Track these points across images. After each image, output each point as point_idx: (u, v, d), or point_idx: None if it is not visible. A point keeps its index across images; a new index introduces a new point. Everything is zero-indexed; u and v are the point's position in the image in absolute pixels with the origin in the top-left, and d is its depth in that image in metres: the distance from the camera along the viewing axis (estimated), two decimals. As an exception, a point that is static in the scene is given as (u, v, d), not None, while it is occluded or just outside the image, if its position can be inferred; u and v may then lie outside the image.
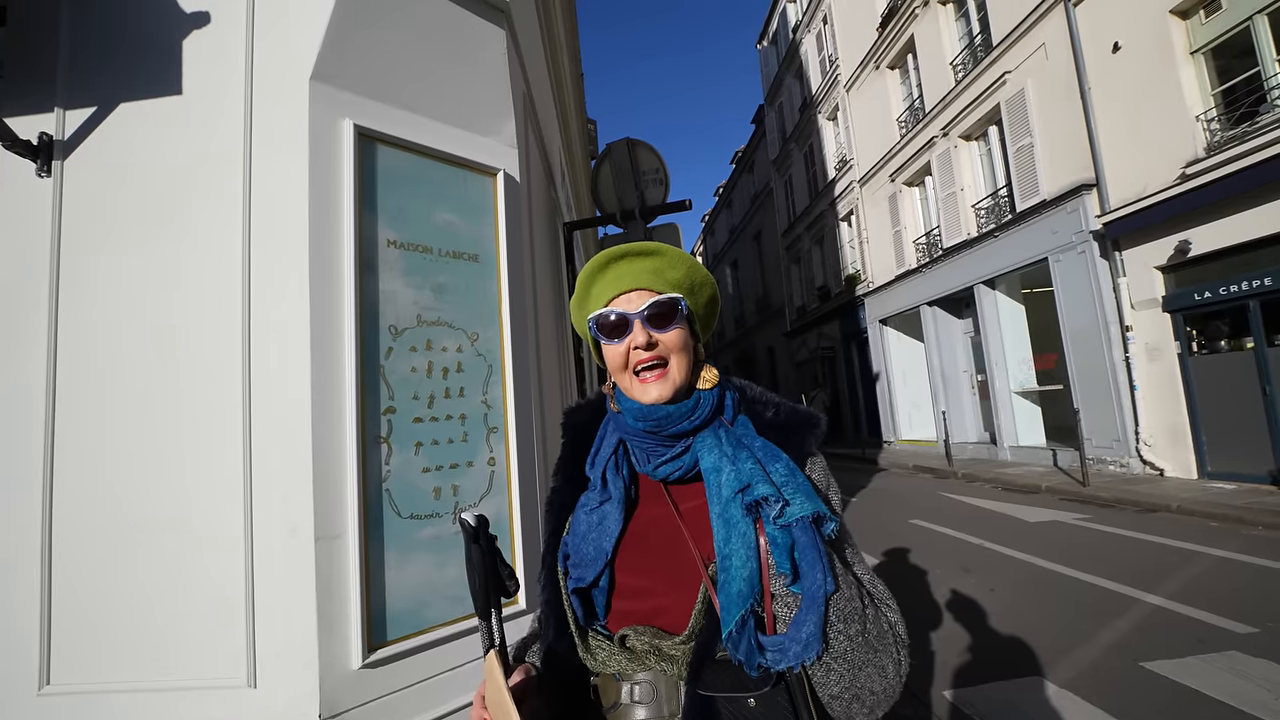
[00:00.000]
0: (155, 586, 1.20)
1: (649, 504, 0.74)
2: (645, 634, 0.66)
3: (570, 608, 0.71)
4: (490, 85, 1.70)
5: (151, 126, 1.31)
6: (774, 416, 0.74)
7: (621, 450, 0.76)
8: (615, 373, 0.73)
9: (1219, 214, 6.80)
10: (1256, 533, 5.29)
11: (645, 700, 0.65)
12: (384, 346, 1.39)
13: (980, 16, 10.71)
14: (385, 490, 1.35)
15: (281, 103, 1.32)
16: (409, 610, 1.35)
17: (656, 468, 0.72)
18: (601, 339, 0.73)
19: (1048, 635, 3.42)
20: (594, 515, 0.73)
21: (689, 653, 0.64)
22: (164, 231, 1.28)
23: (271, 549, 1.22)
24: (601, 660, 0.68)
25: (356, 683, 1.24)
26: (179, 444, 1.24)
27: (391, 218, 1.44)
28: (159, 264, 1.27)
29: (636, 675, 0.66)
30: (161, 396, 1.24)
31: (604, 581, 0.70)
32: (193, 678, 1.18)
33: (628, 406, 0.73)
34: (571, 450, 0.81)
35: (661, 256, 0.73)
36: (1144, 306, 7.90)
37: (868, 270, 15.19)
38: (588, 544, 0.72)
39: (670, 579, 0.67)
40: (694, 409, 0.71)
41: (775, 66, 21.13)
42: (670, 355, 0.70)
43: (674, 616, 0.66)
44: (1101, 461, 8.40)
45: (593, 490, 0.76)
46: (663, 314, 0.70)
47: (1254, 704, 2.54)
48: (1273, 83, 6.48)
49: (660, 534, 0.71)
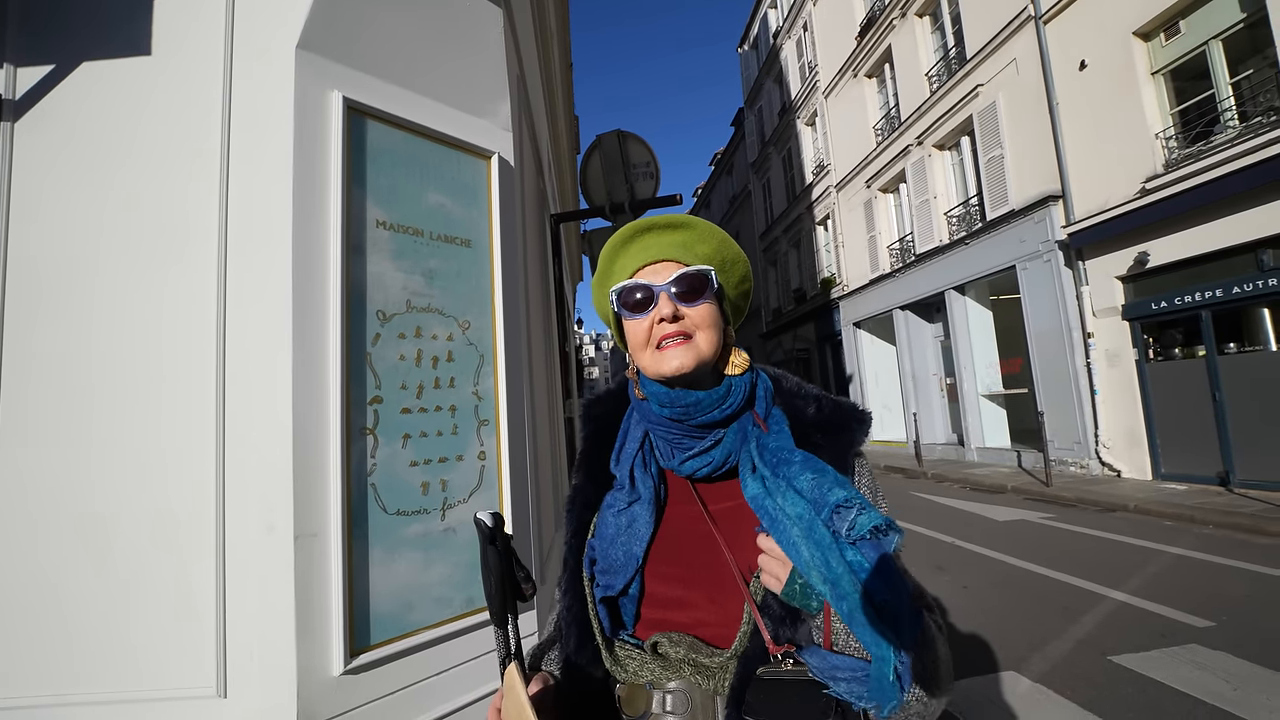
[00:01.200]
0: (113, 589, 1.10)
1: (678, 502, 0.68)
2: (681, 644, 0.61)
3: (597, 618, 0.65)
4: (487, 66, 1.63)
5: (117, 89, 1.20)
6: (817, 413, 0.68)
7: (648, 445, 0.70)
8: (637, 351, 0.67)
9: (1175, 228, 7.13)
10: (1208, 531, 5.56)
11: (679, 711, 0.60)
12: (371, 332, 1.31)
13: (955, 30, 11.02)
14: (370, 485, 1.27)
15: (264, 71, 1.23)
16: (394, 612, 1.28)
17: (683, 462, 0.66)
18: (624, 314, 0.67)
19: (1020, 631, 3.51)
20: (622, 517, 0.67)
21: (726, 666, 0.59)
22: (129, 203, 1.18)
23: (246, 548, 1.13)
24: (633, 671, 0.63)
25: (337, 690, 1.16)
26: (143, 432, 1.14)
27: (381, 197, 1.37)
28: (123, 238, 1.17)
29: (669, 684, 0.61)
30: (124, 380, 1.14)
31: (634, 589, 0.64)
32: (156, 688, 1.09)
33: (652, 391, 0.67)
34: (593, 445, 0.75)
35: (691, 229, 0.68)
36: (1105, 314, 8.24)
37: (843, 274, 15.48)
38: (616, 548, 0.65)
39: (710, 591, 0.62)
40: (725, 397, 0.65)
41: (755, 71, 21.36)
42: (696, 331, 0.64)
43: (716, 630, 0.61)
44: (1063, 463, 8.73)
45: (620, 489, 0.69)
46: (691, 287, 0.64)
47: (1213, 694, 2.64)
48: (1225, 105, 6.83)
49: (694, 538, 0.65)
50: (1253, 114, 6.58)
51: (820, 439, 0.66)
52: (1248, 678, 2.77)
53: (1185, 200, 6.88)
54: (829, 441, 0.65)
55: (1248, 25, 6.55)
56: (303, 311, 1.19)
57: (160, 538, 1.12)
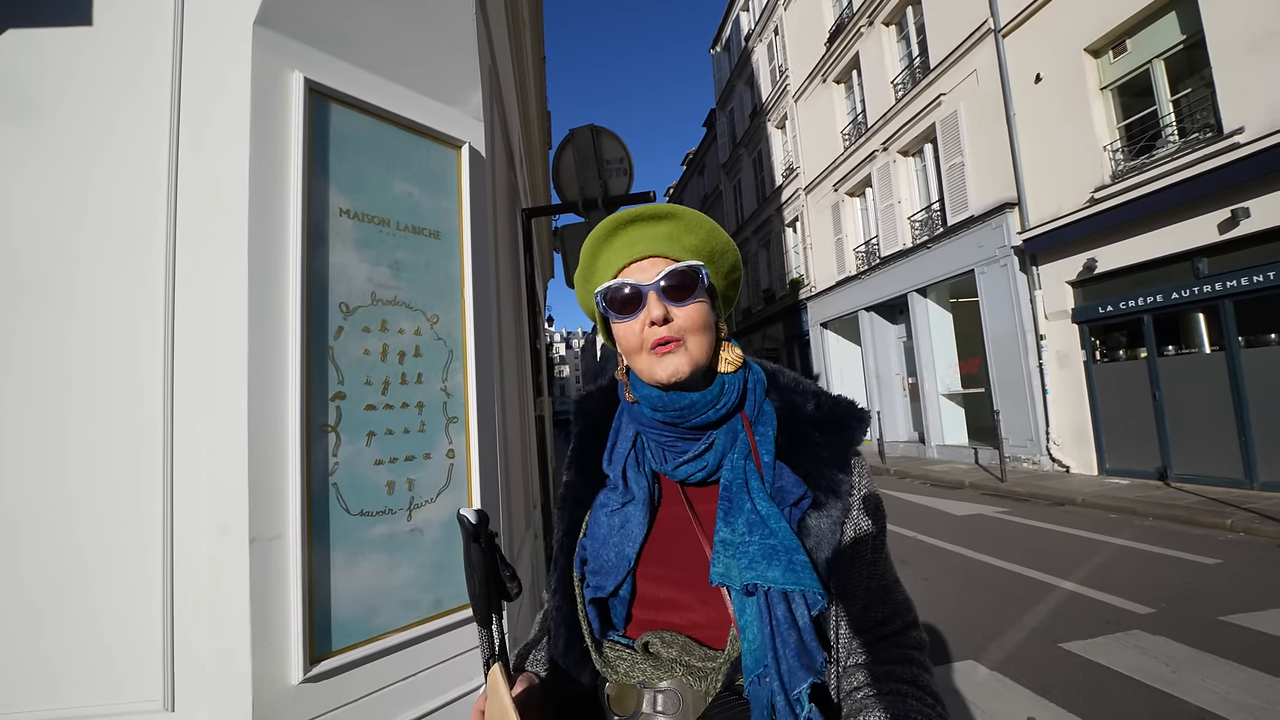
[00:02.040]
0: (45, 597, 1.02)
1: (670, 504, 0.67)
2: (674, 645, 0.59)
3: (586, 619, 0.63)
4: (458, 53, 1.58)
5: (52, 60, 1.11)
6: (815, 410, 0.66)
7: (640, 445, 0.68)
8: (628, 354, 0.65)
9: (1121, 236, 7.54)
10: (1148, 523, 5.90)
11: (670, 711, 0.58)
12: (333, 325, 1.26)
13: (920, 40, 11.36)
14: (332, 484, 1.22)
15: (219, 46, 1.16)
16: (357, 617, 1.23)
17: (676, 467, 0.64)
18: (612, 316, 0.65)
19: (977, 622, 3.65)
20: (615, 518, 0.65)
21: (720, 669, 0.58)
22: (65, 186, 1.10)
23: (197, 551, 1.06)
24: (624, 671, 0.61)
25: (295, 699, 1.11)
26: (83, 427, 1.06)
27: (345, 184, 1.31)
28: (58, 219, 1.09)
29: (660, 684, 0.59)
30: (62, 372, 1.06)
31: (625, 590, 0.63)
32: (97, 703, 1.01)
33: (644, 395, 0.65)
34: (585, 442, 0.73)
35: (677, 220, 0.65)
36: (1056, 317, 8.64)
37: (811, 275, 15.79)
38: (609, 549, 0.64)
39: (703, 593, 0.61)
40: (719, 397, 0.63)
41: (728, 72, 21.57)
42: (689, 334, 0.62)
43: (710, 632, 0.60)
44: (1017, 459, 9.12)
45: (613, 489, 0.68)
46: (681, 284, 0.62)
47: (1154, 677, 2.80)
48: (1166, 121, 7.25)
49: (687, 539, 0.64)
50: (1190, 130, 7.00)
51: (819, 437, 0.65)
52: (1184, 660, 2.94)
53: (1130, 210, 7.28)
54: (828, 440, 0.64)
55: (1187, 46, 6.96)
56: (259, 302, 1.13)
57: (100, 540, 1.05)
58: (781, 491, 0.61)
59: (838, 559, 0.61)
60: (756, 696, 0.53)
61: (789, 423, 0.66)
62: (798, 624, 0.54)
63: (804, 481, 0.62)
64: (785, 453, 0.65)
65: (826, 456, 0.63)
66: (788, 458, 0.64)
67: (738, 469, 0.62)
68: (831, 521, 0.61)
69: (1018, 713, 2.59)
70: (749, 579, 0.55)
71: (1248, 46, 6.16)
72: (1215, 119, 6.56)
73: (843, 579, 0.61)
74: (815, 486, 0.62)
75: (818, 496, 0.62)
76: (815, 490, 0.62)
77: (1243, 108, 6.24)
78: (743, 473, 0.62)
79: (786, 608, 0.55)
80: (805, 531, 0.60)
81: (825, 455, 0.64)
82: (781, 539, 0.57)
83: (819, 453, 0.64)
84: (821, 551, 0.59)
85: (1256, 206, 6.12)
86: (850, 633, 0.61)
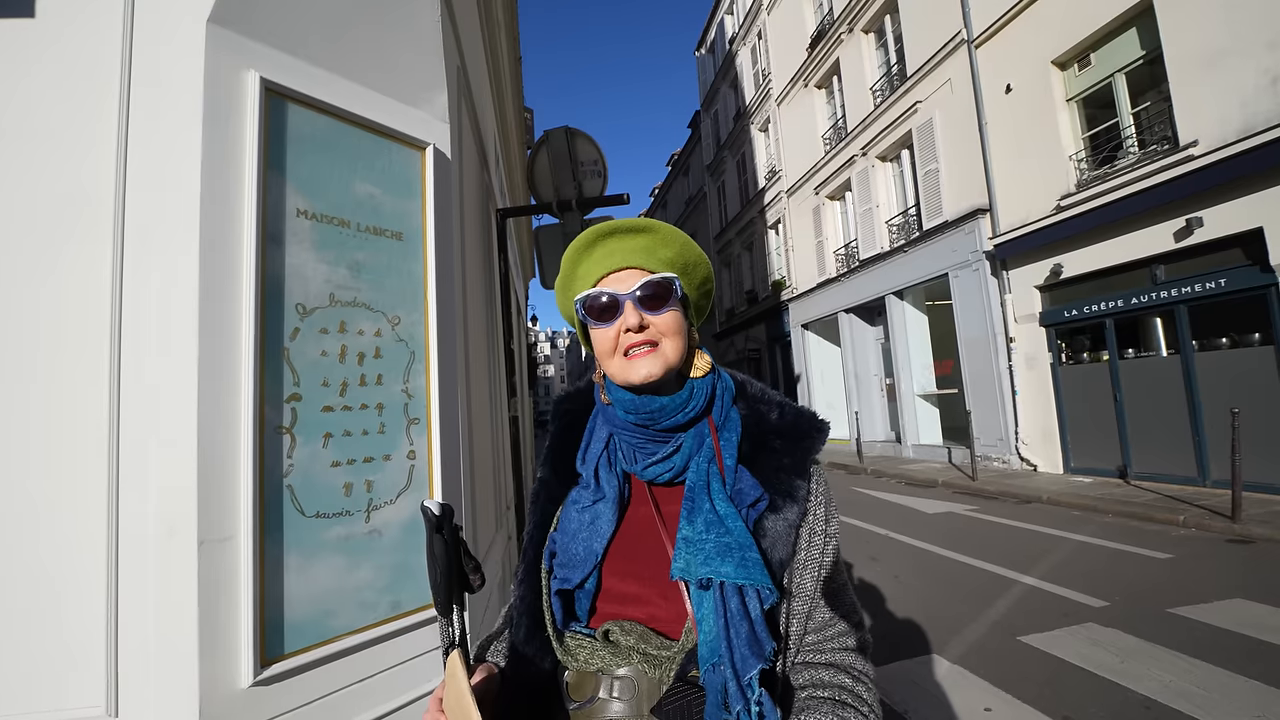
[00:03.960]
0: (-15, 603, 1.00)
1: (639, 504, 0.70)
2: (632, 633, 0.63)
3: (550, 609, 0.66)
4: (422, 53, 1.59)
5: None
6: (779, 419, 0.71)
7: (613, 446, 0.72)
8: (604, 358, 0.68)
9: (1085, 242, 7.79)
10: (1108, 520, 6.11)
11: (624, 697, 0.61)
12: (289, 326, 1.25)
13: (897, 48, 11.59)
14: (286, 486, 1.21)
15: (170, 44, 1.15)
16: (311, 619, 1.23)
17: (645, 468, 0.68)
18: (590, 322, 0.68)
19: (942, 616, 3.75)
20: (586, 514, 0.68)
21: (675, 658, 0.61)
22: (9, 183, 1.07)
23: (142, 553, 1.05)
24: (584, 659, 0.64)
25: (245, 703, 1.10)
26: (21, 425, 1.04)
27: (302, 185, 1.30)
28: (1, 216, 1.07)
29: (617, 670, 0.62)
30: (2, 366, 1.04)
31: (590, 584, 0.66)
32: (37, 708, 1.00)
33: (618, 398, 0.68)
34: (561, 441, 0.76)
35: (654, 233, 0.69)
36: (1025, 321, 8.90)
37: (792, 277, 15.98)
38: (578, 543, 0.67)
39: (663, 588, 0.64)
40: (688, 400, 0.67)
41: (712, 75, 21.70)
42: (663, 339, 0.66)
43: (668, 625, 0.63)
44: (988, 459, 9.36)
45: (585, 487, 0.71)
46: (656, 295, 0.66)
47: (1104, 667, 2.92)
48: (1127, 133, 7.52)
49: (650, 538, 0.67)
50: (1149, 142, 7.27)
51: (779, 444, 0.68)
52: (1133, 651, 3.07)
53: (1093, 218, 7.53)
54: (788, 447, 0.68)
55: (1147, 61, 7.23)
56: (211, 302, 1.12)
57: (41, 540, 1.03)
58: (740, 493, 0.65)
59: (790, 558, 0.65)
60: (711, 683, 0.56)
61: (753, 430, 0.70)
62: (750, 616, 0.58)
63: (762, 485, 0.66)
64: (748, 458, 0.68)
65: (786, 463, 0.67)
66: (749, 463, 0.68)
67: (701, 471, 0.66)
68: (787, 524, 0.65)
69: (976, 704, 2.68)
70: (705, 574, 0.59)
71: (1202, 63, 6.42)
72: (1172, 131, 6.82)
73: (794, 578, 0.65)
74: (773, 490, 0.66)
75: (774, 500, 0.65)
76: (773, 494, 0.66)
77: (1197, 121, 6.50)
78: (706, 475, 0.65)
79: (740, 601, 0.58)
80: (761, 532, 0.64)
81: (785, 462, 0.67)
82: (736, 537, 0.60)
83: (779, 459, 0.68)
84: (775, 551, 0.63)
85: (1209, 216, 6.38)
86: (801, 630, 0.65)
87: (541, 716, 0.67)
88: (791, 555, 0.65)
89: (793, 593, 0.65)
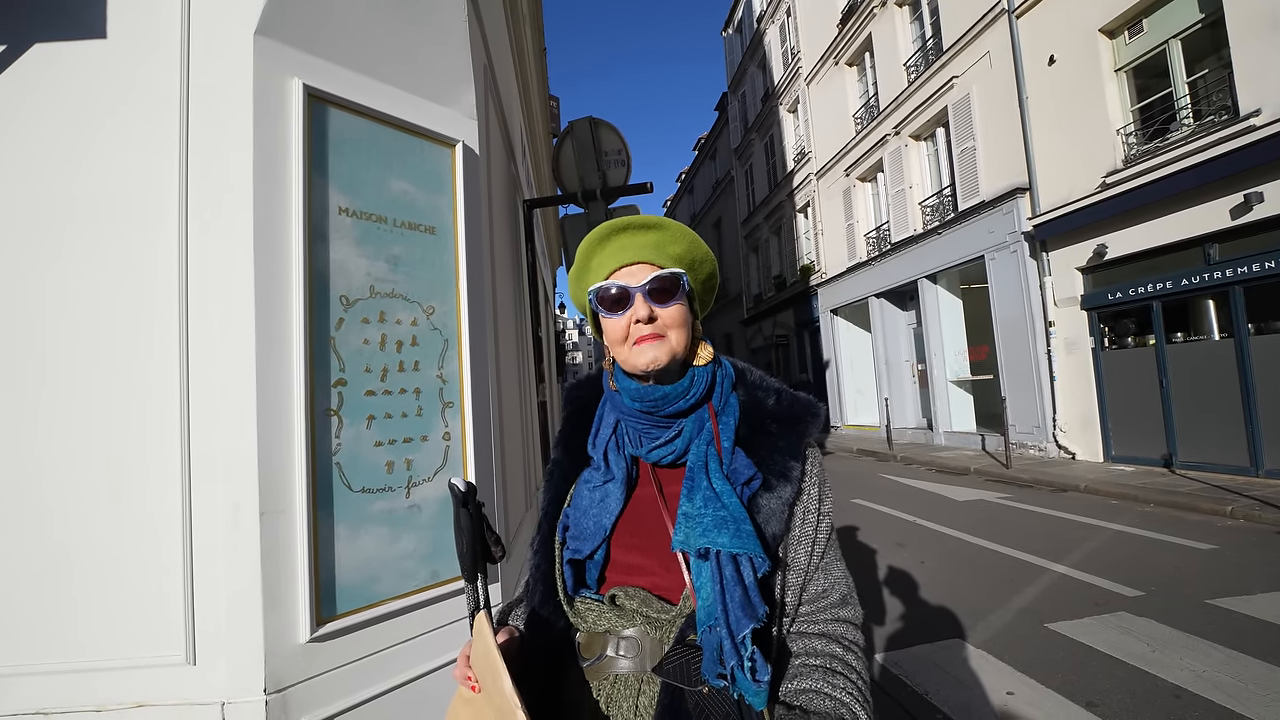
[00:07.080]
0: (79, 565, 1.15)
1: (644, 484, 0.77)
2: (635, 597, 0.69)
3: (561, 576, 0.74)
4: (450, 53, 1.65)
5: (71, 72, 1.20)
6: (775, 405, 0.76)
7: (620, 430, 0.78)
8: (613, 345, 0.75)
9: (1132, 221, 7.42)
10: (1148, 509, 5.91)
11: (629, 655, 0.68)
12: (334, 317, 1.35)
13: (933, 21, 11.11)
14: (335, 464, 1.32)
15: (222, 57, 1.25)
16: (359, 584, 1.34)
17: (649, 451, 0.74)
18: (602, 312, 0.74)
19: (968, 602, 3.73)
20: (596, 493, 0.75)
21: (675, 621, 0.68)
22: (85, 188, 1.19)
23: (213, 524, 1.18)
24: (592, 621, 0.71)
25: (303, 656, 1.23)
26: (107, 416, 1.17)
27: (343, 184, 1.39)
28: (80, 225, 1.19)
29: (624, 631, 0.69)
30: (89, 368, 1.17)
31: (600, 555, 0.73)
32: (127, 657, 1.14)
33: (625, 386, 0.74)
34: (573, 426, 0.83)
35: (664, 230, 0.74)
36: (1065, 304, 8.56)
37: (822, 261, 15.67)
38: (588, 519, 0.74)
39: (665, 560, 0.70)
40: (689, 388, 0.73)
41: (739, 55, 21.21)
42: (669, 330, 0.72)
43: (668, 592, 0.70)
44: (1023, 446, 9.11)
45: (596, 469, 0.78)
46: (664, 289, 0.71)
47: (1134, 656, 2.88)
48: (1182, 103, 7.08)
49: (654, 515, 0.73)
50: (1206, 113, 6.84)
51: (775, 428, 0.74)
52: (1166, 641, 3.01)
53: (1141, 195, 7.16)
54: (783, 431, 0.74)
55: (1206, 25, 6.77)
56: (265, 297, 1.23)
57: (129, 516, 1.16)
58: (735, 472, 0.71)
59: (785, 533, 0.71)
60: (708, 642, 0.63)
61: (750, 415, 0.76)
62: (744, 582, 0.64)
63: (758, 466, 0.72)
64: (745, 441, 0.74)
65: (781, 445, 0.73)
66: (747, 445, 0.74)
67: (700, 453, 0.72)
68: (781, 502, 0.71)
69: (998, 688, 2.68)
70: (702, 544, 0.65)
71: (1268, 24, 5.98)
72: (1232, 100, 6.40)
73: (789, 552, 0.71)
74: (767, 471, 0.72)
75: (768, 479, 0.71)
76: (767, 474, 0.71)
77: (1260, 89, 6.08)
78: (704, 456, 0.72)
79: (735, 569, 0.64)
80: (756, 508, 0.70)
81: (780, 445, 0.73)
82: (732, 511, 0.66)
83: (774, 442, 0.73)
84: (769, 525, 0.69)
85: (1270, 191, 6.00)
86: (795, 600, 0.71)
87: (557, 673, 0.75)
88: (786, 531, 0.70)
89: (788, 564, 0.71)
